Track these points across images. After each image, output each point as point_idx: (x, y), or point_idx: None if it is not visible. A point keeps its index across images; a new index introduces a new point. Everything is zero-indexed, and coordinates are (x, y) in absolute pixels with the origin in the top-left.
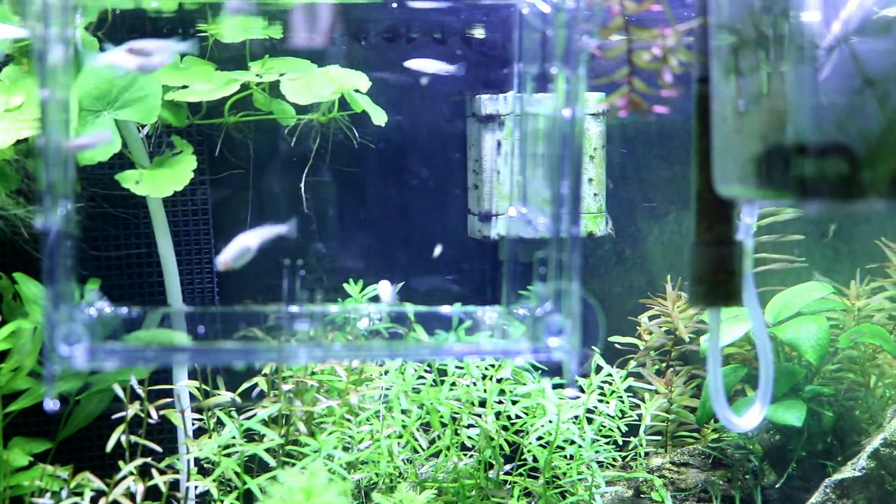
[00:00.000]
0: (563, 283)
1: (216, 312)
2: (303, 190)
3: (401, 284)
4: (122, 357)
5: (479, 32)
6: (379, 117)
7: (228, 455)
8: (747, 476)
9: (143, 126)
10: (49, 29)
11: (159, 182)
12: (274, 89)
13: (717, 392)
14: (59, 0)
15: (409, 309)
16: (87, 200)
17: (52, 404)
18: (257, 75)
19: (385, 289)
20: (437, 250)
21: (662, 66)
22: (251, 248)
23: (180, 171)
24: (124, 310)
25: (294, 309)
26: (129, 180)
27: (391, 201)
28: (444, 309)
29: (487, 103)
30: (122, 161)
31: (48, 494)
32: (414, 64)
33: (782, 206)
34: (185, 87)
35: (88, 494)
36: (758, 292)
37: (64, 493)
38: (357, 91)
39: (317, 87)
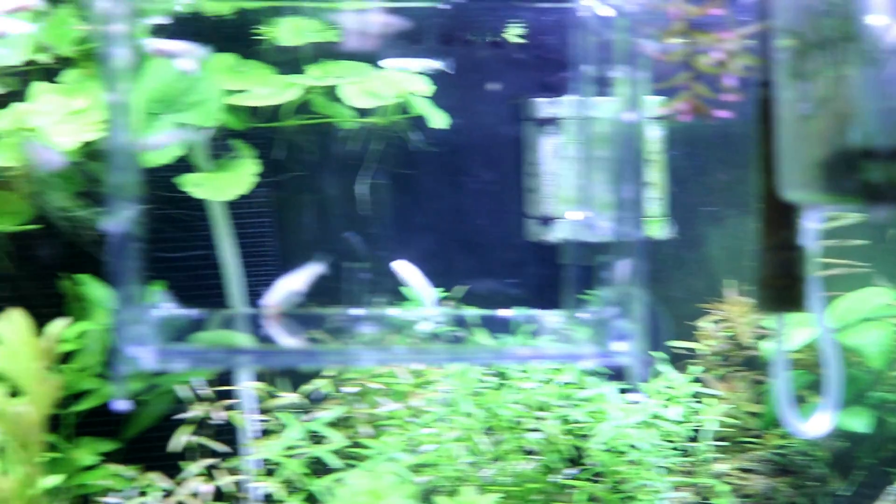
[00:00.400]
0: (628, 287)
1: (280, 315)
2: (361, 193)
3: (464, 289)
4: (188, 358)
5: (536, 35)
6: (439, 120)
7: (292, 456)
8: (812, 483)
9: (204, 129)
10: (114, 33)
11: (220, 185)
12: (334, 92)
13: (785, 398)
14: (124, 5)
15: (470, 312)
16: (150, 202)
17: (122, 404)
18: (317, 79)
19: (403, 268)
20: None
21: (724, 70)
22: (298, 290)
23: (241, 175)
24: (189, 311)
25: (356, 312)
26: (191, 183)
27: (449, 204)
28: (505, 313)
29: (545, 106)
30: (183, 164)
31: (116, 494)
32: (393, 63)
33: (846, 211)
34: (244, 90)
35: (155, 494)
36: (822, 297)
37: (130, 493)
38: (416, 94)
39: (376, 90)
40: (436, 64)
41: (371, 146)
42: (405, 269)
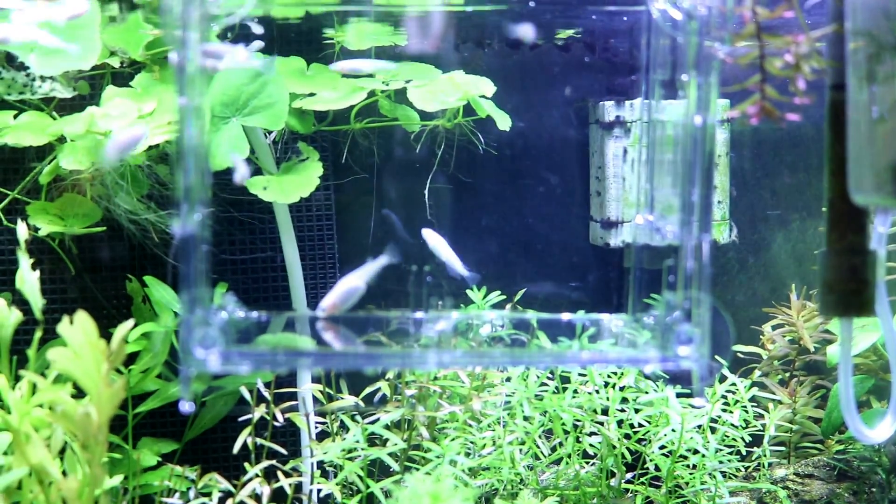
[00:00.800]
0: (693, 291)
1: (340, 317)
2: (426, 196)
3: (527, 292)
4: (253, 361)
5: (605, 38)
6: (504, 122)
7: (352, 459)
8: (874, 489)
9: (270, 132)
10: (187, 37)
11: (286, 188)
12: (399, 95)
13: (849, 403)
14: (196, 10)
15: (531, 315)
16: (217, 205)
17: (187, 406)
18: (383, 82)
19: (431, 237)
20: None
21: (795, 74)
22: (360, 287)
23: (307, 178)
24: (254, 314)
25: (419, 314)
26: (258, 186)
27: (513, 207)
28: (567, 316)
29: (611, 109)
30: (250, 167)
31: (176, 494)
32: (344, 65)
33: None
34: (311, 94)
35: (216, 495)
36: (889, 301)
37: (192, 493)
38: (482, 97)
39: (442, 93)
40: (391, 65)
41: (437, 149)
42: (433, 238)
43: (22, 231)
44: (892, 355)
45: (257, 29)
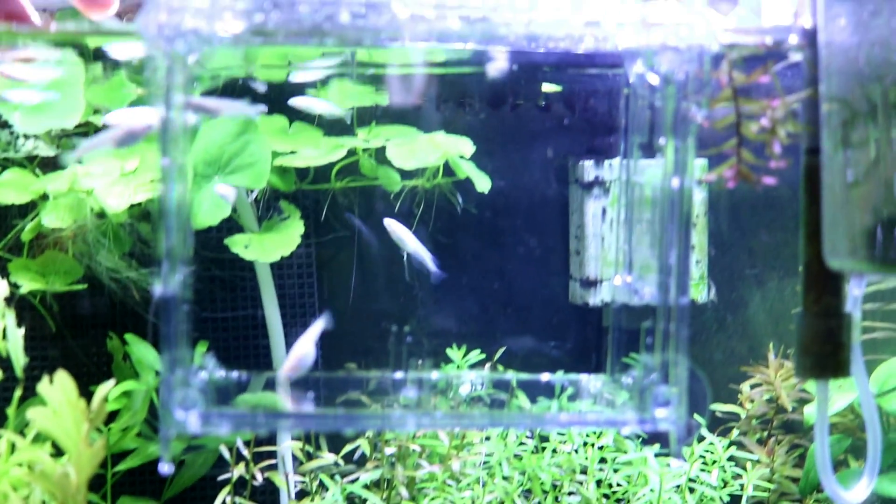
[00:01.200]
0: (671, 353)
1: (320, 377)
2: (405, 256)
3: (506, 351)
4: (233, 422)
5: (584, 100)
6: (483, 183)
7: None
8: None
9: (252, 191)
10: (171, 98)
11: (267, 246)
12: (380, 154)
13: (825, 465)
14: (179, 71)
15: (511, 376)
16: (199, 263)
17: (166, 467)
18: (364, 141)
19: (397, 228)
20: None
21: (771, 138)
22: (309, 354)
23: (288, 236)
24: (234, 374)
25: (398, 375)
26: (239, 244)
27: (493, 266)
28: (546, 376)
29: (591, 169)
30: (231, 225)
31: None
32: (300, 101)
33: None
34: (293, 152)
35: None
36: (864, 361)
37: None
38: (461, 157)
39: (422, 152)
40: (338, 110)
41: (416, 208)
42: (397, 229)
43: (3, 288)
44: (868, 416)
45: (260, 87)
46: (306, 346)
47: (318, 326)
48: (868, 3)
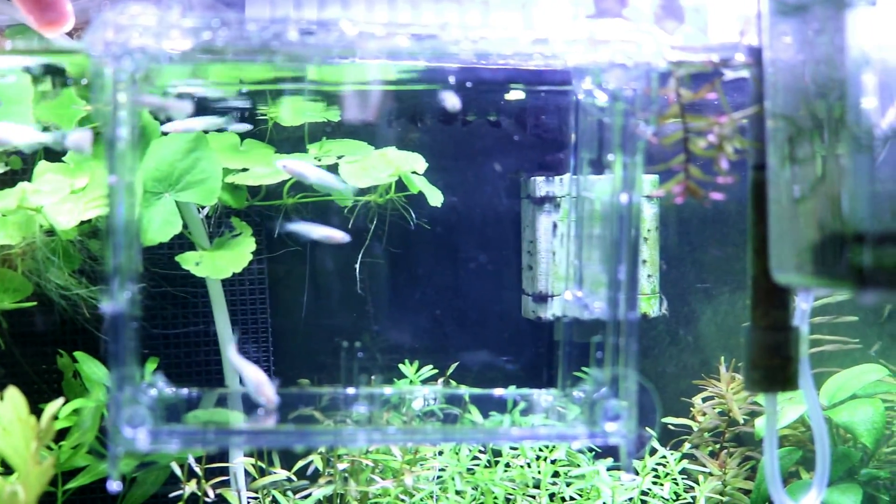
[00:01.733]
0: (620, 367)
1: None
2: (357, 270)
3: (459, 365)
4: (182, 439)
5: (534, 116)
6: (435, 198)
7: None
8: None
9: (202, 208)
10: (118, 116)
11: (219, 263)
12: (332, 171)
13: (774, 477)
14: (127, 88)
15: (464, 391)
16: (149, 280)
17: (115, 485)
18: (316, 157)
19: (294, 166)
20: None
21: (718, 153)
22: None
23: (239, 253)
24: (184, 391)
25: (350, 390)
26: (190, 262)
27: (445, 281)
28: (499, 391)
29: (542, 185)
30: (182, 242)
31: None
32: (177, 125)
33: (839, 293)
34: (244, 169)
35: None
36: (812, 374)
37: None
38: (414, 172)
39: (374, 169)
40: (219, 121)
41: (369, 224)
42: (295, 166)
43: None
44: (816, 429)
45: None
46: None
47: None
48: (813, 21)
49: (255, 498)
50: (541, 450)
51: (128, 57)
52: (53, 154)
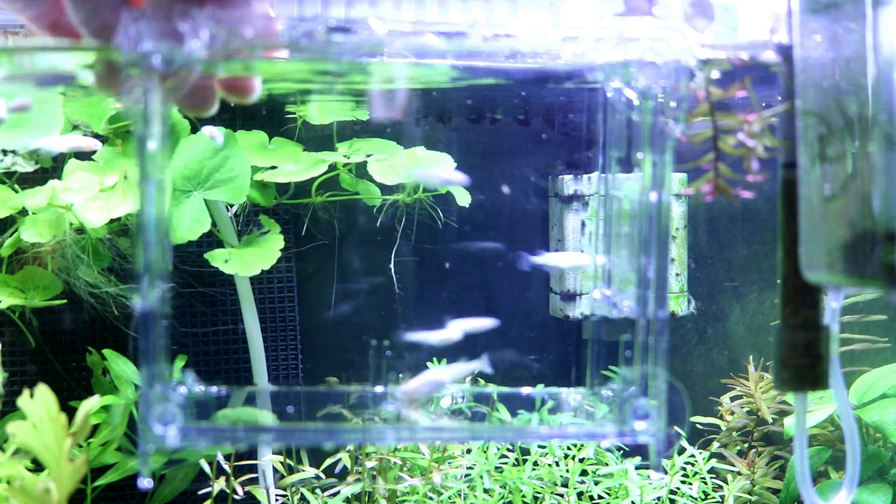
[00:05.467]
0: (650, 366)
1: (300, 392)
2: (392, 270)
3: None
4: (212, 436)
5: (562, 115)
6: (463, 198)
7: None
8: None
9: (231, 206)
10: (149, 113)
11: (247, 261)
12: (360, 169)
13: (804, 477)
14: (158, 88)
15: (492, 390)
16: (178, 278)
17: (146, 482)
18: (344, 156)
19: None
20: None
21: (748, 152)
22: (442, 382)
23: (268, 251)
24: (214, 389)
25: (378, 389)
26: (219, 259)
27: (473, 279)
28: (527, 390)
29: (570, 183)
30: (210, 240)
31: None
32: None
33: (867, 291)
34: (273, 167)
35: None
36: (842, 373)
37: None
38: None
39: (402, 167)
40: (93, 144)
41: (397, 223)
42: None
43: None
44: (847, 428)
45: None
46: (444, 374)
47: (471, 366)
48: (844, 18)
49: (284, 495)
50: (569, 448)
51: (157, 54)
52: (83, 152)
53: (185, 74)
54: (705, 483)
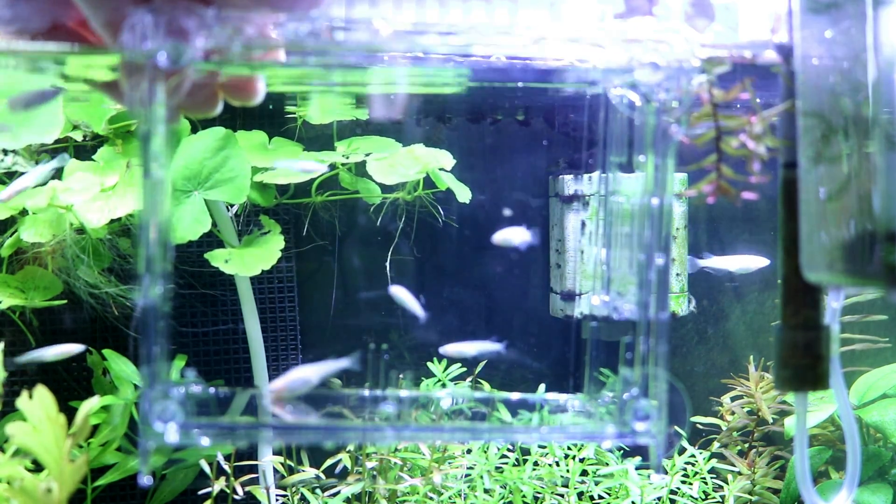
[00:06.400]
0: (650, 368)
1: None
2: (388, 268)
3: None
4: (212, 434)
5: (564, 115)
6: (463, 195)
7: None
8: None
9: (231, 206)
10: (152, 113)
11: (248, 261)
12: (360, 168)
13: (805, 477)
14: (158, 87)
15: (491, 395)
16: (178, 278)
17: (146, 479)
18: (344, 155)
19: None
20: None
21: (749, 153)
22: (309, 380)
23: (268, 251)
24: (213, 389)
25: (378, 391)
26: (219, 259)
27: (473, 279)
28: (517, 395)
29: (570, 183)
30: (211, 240)
31: None
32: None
33: (868, 291)
34: (273, 167)
35: None
36: (842, 373)
37: None
38: (441, 169)
39: (402, 166)
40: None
41: (397, 221)
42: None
43: None
44: (847, 428)
45: None
46: (312, 372)
47: (336, 364)
48: (845, 18)
49: (284, 495)
50: (569, 448)
51: (161, 53)
52: (84, 153)
53: (187, 73)
54: (706, 483)
